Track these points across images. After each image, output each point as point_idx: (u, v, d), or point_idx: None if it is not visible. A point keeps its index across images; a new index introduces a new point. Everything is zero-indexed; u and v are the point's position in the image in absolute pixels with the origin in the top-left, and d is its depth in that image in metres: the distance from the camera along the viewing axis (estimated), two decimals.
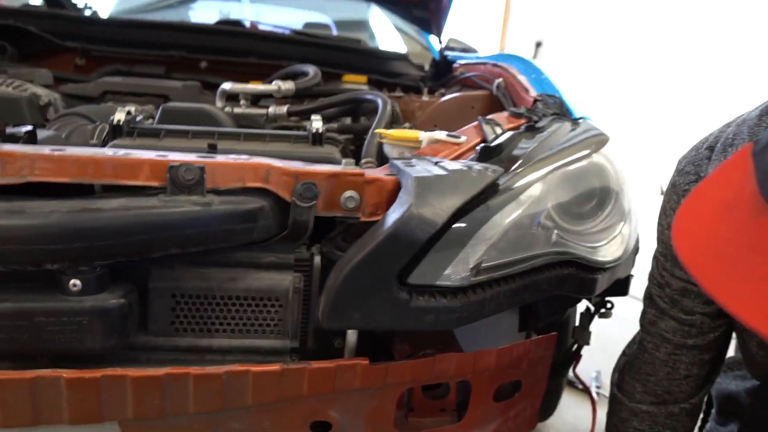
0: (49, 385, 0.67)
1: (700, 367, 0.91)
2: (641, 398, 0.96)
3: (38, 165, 0.70)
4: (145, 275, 0.77)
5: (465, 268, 0.78)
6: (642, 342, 0.96)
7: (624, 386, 1.00)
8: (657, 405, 0.94)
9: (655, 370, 0.94)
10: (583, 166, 1.00)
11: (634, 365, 0.98)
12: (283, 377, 0.74)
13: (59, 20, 1.77)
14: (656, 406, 0.94)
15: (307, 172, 0.80)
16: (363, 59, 1.89)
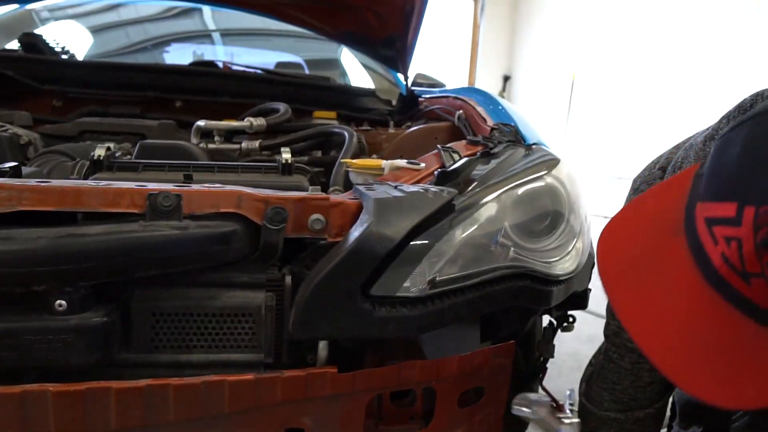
0: (36, 398, 0.71)
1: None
2: (609, 406, 1.01)
3: (25, 195, 0.76)
4: (128, 295, 0.82)
5: (422, 280, 0.85)
6: (607, 352, 1.02)
7: (592, 395, 1.06)
8: (624, 412, 1.00)
9: (621, 378, 0.99)
10: (536, 187, 1.09)
11: (601, 375, 1.04)
12: (257, 385, 0.79)
13: (37, 64, 1.83)
14: (623, 413, 1.00)
15: (276, 198, 0.87)
16: (332, 96, 1.98)
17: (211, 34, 2.88)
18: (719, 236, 0.54)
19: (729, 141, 0.56)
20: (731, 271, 0.54)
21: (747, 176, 0.52)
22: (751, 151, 0.53)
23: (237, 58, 2.77)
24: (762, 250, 0.50)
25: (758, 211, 0.50)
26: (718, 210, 0.54)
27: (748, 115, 0.56)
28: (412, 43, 2.14)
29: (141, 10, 2.73)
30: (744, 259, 0.52)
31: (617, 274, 0.63)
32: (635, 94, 5.42)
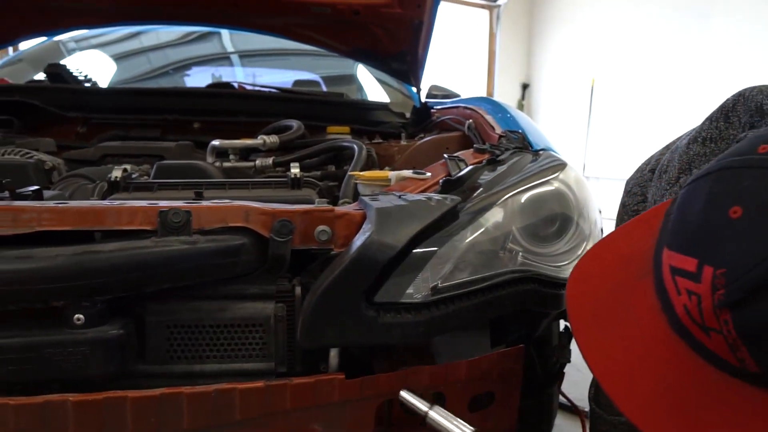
0: (57, 408, 0.75)
1: None
2: (618, 410, 1.01)
3: (44, 216, 0.81)
4: (142, 309, 0.86)
5: (426, 286, 0.87)
6: None
7: (600, 400, 1.05)
8: None
9: None
10: (543, 192, 1.10)
11: None
12: (267, 393, 0.82)
13: (61, 93, 1.91)
14: None
15: (282, 211, 0.90)
16: (345, 111, 2.02)
17: (230, 56, 2.95)
18: (682, 287, 0.55)
19: (693, 194, 0.57)
20: (692, 322, 0.55)
21: (706, 236, 0.53)
22: (711, 210, 0.53)
23: (256, 78, 2.84)
24: (719, 309, 0.51)
25: (715, 273, 0.51)
26: (681, 262, 0.55)
27: (712, 167, 0.56)
28: (422, 56, 2.18)
29: (161, 36, 2.82)
30: (703, 314, 0.53)
31: (586, 315, 0.64)
32: (656, 97, 5.37)
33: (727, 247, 0.50)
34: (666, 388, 0.56)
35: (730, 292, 0.50)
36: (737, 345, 0.51)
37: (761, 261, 0.48)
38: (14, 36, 2.12)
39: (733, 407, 0.53)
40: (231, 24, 2.31)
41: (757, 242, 0.49)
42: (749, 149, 0.54)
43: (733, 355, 0.52)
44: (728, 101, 0.86)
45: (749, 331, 0.50)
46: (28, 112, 1.78)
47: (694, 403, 0.55)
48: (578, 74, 6.60)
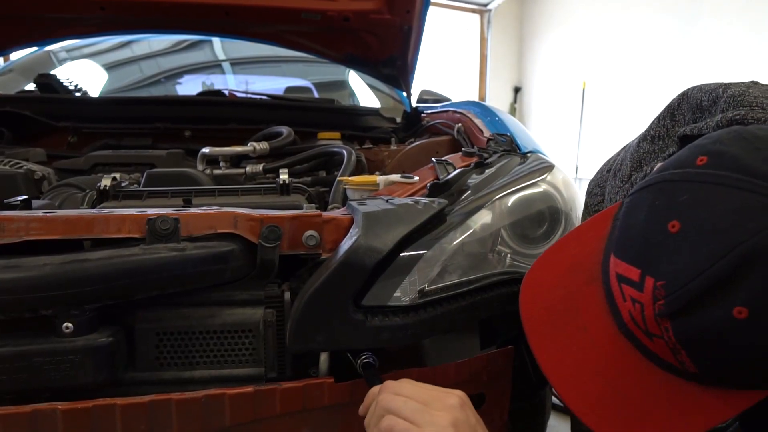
0: (46, 416, 0.75)
1: None
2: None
3: (32, 225, 0.81)
4: (132, 316, 0.86)
5: (413, 289, 0.88)
6: None
7: None
8: None
9: None
10: (531, 193, 1.11)
11: None
12: (256, 398, 0.82)
13: (52, 103, 1.92)
14: None
15: (270, 217, 0.90)
16: (336, 117, 2.03)
17: (221, 64, 2.96)
18: (627, 294, 0.58)
19: (636, 204, 0.59)
20: (636, 327, 0.57)
21: (648, 249, 0.55)
22: (652, 224, 0.55)
23: (248, 85, 2.84)
24: (660, 317, 0.54)
25: (656, 284, 0.53)
26: (626, 270, 0.57)
27: (654, 179, 0.58)
28: (412, 61, 2.19)
29: (153, 45, 2.83)
30: (646, 321, 0.55)
31: (538, 320, 0.66)
32: (647, 99, 5.40)
33: (666, 260, 0.53)
34: (614, 388, 0.59)
35: (669, 303, 0.52)
36: (677, 349, 0.53)
37: (697, 275, 0.50)
38: (4, 46, 2.13)
39: (676, 404, 0.55)
40: (222, 32, 2.32)
41: (693, 256, 0.51)
42: (688, 161, 0.56)
43: (675, 358, 0.54)
44: (674, 100, 0.89)
45: (688, 338, 0.52)
46: (18, 123, 1.79)
47: (640, 401, 0.57)
48: (569, 77, 6.63)
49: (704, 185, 0.52)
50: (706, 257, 0.50)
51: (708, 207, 0.51)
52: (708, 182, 0.52)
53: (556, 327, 0.64)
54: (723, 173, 0.52)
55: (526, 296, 0.70)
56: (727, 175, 0.51)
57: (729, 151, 0.53)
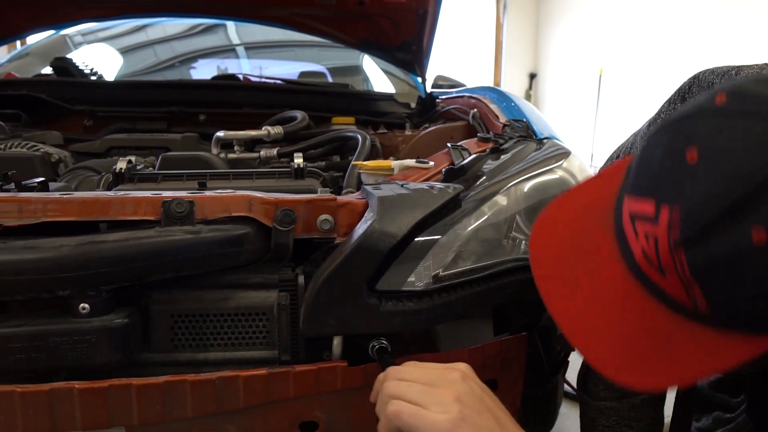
0: (63, 395, 0.76)
1: None
2: (604, 395, 1.02)
3: (50, 207, 0.81)
4: (147, 298, 0.87)
5: (428, 275, 0.87)
6: None
7: (588, 386, 1.07)
8: (619, 399, 1.00)
9: None
10: (547, 180, 1.10)
11: None
12: (270, 380, 0.83)
13: (68, 87, 1.93)
14: (618, 401, 1.00)
15: (285, 200, 0.90)
16: (350, 102, 2.02)
17: (235, 48, 2.96)
18: (640, 231, 0.57)
19: (652, 143, 0.58)
20: (649, 265, 0.56)
21: (664, 179, 0.54)
22: (671, 153, 0.55)
23: (262, 70, 2.84)
24: (674, 248, 0.52)
25: (672, 212, 0.52)
26: (640, 206, 0.57)
27: (671, 119, 0.57)
28: (427, 46, 2.17)
29: (167, 29, 2.83)
30: (660, 255, 0.54)
31: (548, 263, 0.66)
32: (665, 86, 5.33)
33: (683, 187, 0.52)
34: (624, 332, 0.58)
35: (685, 229, 0.51)
36: (690, 284, 0.52)
37: (714, 200, 0.49)
38: (21, 30, 2.14)
39: (685, 346, 0.55)
40: (236, 16, 2.32)
41: (711, 181, 0.50)
42: (707, 101, 0.55)
43: (687, 296, 0.53)
44: (685, 83, 0.88)
45: (702, 268, 0.51)
46: (35, 106, 1.80)
47: (650, 344, 0.57)
48: (586, 64, 6.56)
49: (724, 118, 0.52)
50: (723, 181, 0.49)
51: (727, 135, 0.51)
52: (728, 115, 0.52)
53: (566, 270, 0.64)
54: (743, 106, 0.51)
55: (537, 239, 0.70)
56: (746, 108, 0.51)
57: (749, 89, 0.53)
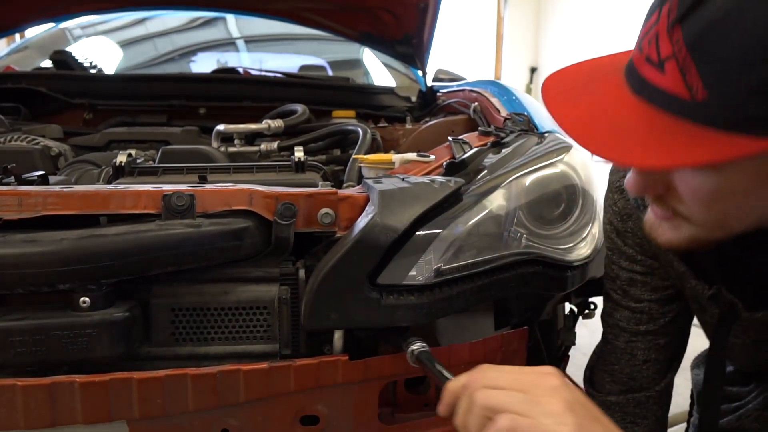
0: (64, 389, 0.76)
1: (657, 352, 0.98)
2: (610, 389, 1.02)
3: (50, 201, 0.81)
4: (148, 292, 0.86)
5: (429, 268, 0.87)
6: (604, 335, 1.04)
7: (595, 380, 1.07)
8: (624, 394, 1.00)
9: (617, 358, 1.00)
10: (548, 174, 1.09)
11: (601, 357, 1.05)
12: (271, 374, 0.83)
13: (67, 80, 1.92)
14: (624, 395, 1.00)
15: (285, 194, 0.90)
16: (351, 95, 2.01)
17: (235, 41, 2.95)
18: (643, 38, 0.59)
19: None
20: (649, 64, 0.57)
21: None
22: None
23: (263, 63, 2.83)
24: (672, 30, 0.54)
25: (670, 1, 0.54)
26: (647, 25, 0.59)
27: None
28: (428, 40, 2.16)
29: (167, 22, 2.82)
30: (659, 46, 0.55)
31: (558, 93, 0.67)
32: None
33: None
34: (611, 122, 0.60)
35: (681, 6, 0.53)
36: (687, 65, 0.53)
37: None
38: (20, 23, 2.13)
39: (680, 136, 0.55)
40: (237, 8, 2.31)
41: None
42: None
43: (684, 83, 0.54)
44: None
45: (697, 37, 0.52)
46: (34, 100, 1.80)
47: (648, 134, 0.57)
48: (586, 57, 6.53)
49: None
50: None
51: None
52: None
53: (574, 94, 0.65)
54: None
55: (550, 82, 0.70)
56: None
57: None
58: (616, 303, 0.99)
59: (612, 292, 0.99)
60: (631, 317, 0.97)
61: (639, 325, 0.96)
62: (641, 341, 0.97)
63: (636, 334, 0.97)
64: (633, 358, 0.98)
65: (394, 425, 0.96)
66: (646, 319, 0.96)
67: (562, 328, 1.39)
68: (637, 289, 0.95)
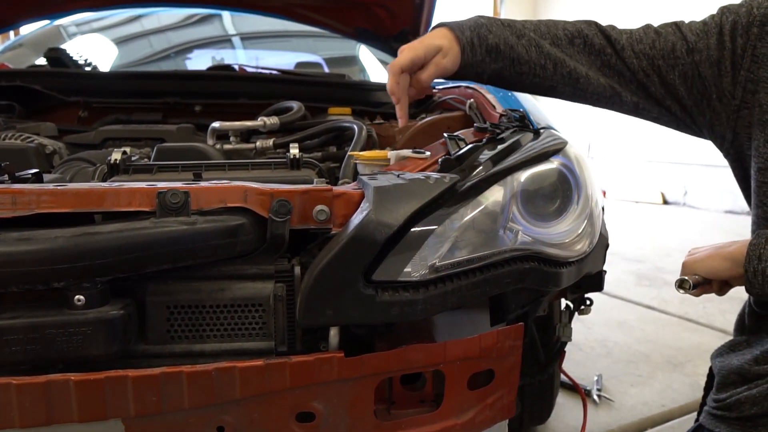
0: (59, 387, 0.76)
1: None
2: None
3: (44, 199, 0.81)
4: (143, 290, 0.86)
5: (424, 265, 0.87)
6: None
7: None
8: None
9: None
10: (544, 170, 1.10)
11: None
12: (267, 371, 0.83)
13: (62, 77, 1.91)
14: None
15: (280, 191, 0.90)
16: (346, 92, 2.01)
17: (231, 39, 2.94)
18: None
19: None
20: None
21: None
22: None
23: (259, 60, 2.83)
24: None
25: None
26: None
27: None
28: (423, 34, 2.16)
29: (162, 19, 2.81)
30: None
31: None
32: None
33: None
34: None
35: None
36: None
37: None
38: (15, 20, 2.12)
39: None
40: (232, 6, 2.31)
41: None
42: None
43: None
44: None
45: None
46: (29, 97, 1.79)
47: None
48: None
49: None
50: None
51: None
52: None
53: None
54: None
55: None
56: None
57: None
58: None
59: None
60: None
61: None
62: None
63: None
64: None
65: (390, 421, 0.96)
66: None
67: (559, 324, 1.40)
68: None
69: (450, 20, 1.16)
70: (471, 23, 1.12)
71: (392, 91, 1.12)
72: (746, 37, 0.98)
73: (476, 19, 1.14)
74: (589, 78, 1.12)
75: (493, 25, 1.13)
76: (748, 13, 0.98)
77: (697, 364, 2.33)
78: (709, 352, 1.18)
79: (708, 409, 1.09)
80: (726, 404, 1.02)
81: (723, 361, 1.09)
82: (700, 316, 2.88)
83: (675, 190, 6.79)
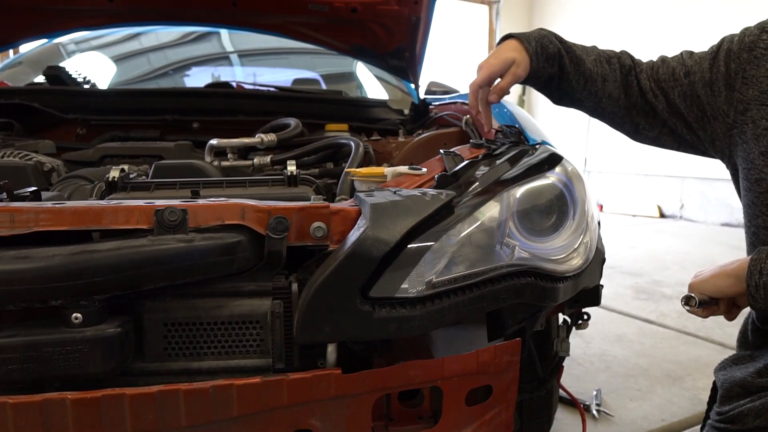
0: (56, 406, 0.76)
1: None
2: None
3: (42, 217, 0.81)
4: (140, 307, 0.87)
5: (421, 281, 0.87)
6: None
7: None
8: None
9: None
10: (539, 185, 1.10)
11: None
12: (264, 388, 0.83)
13: (60, 95, 1.92)
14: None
15: (278, 208, 0.90)
16: (344, 109, 2.03)
17: (229, 56, 2.96)
18: None
19: None
20: None
21: None
22: None
23: (256, 77, 2.85)
24: None
25: None
26: None
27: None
28: (420, 53, 2.18)
29: (161, 37, 2.83)
30: None
31: None
32: None
33: None
34: None
35: None
36: None
37: None
38: (14, 38, 2.14)
39: None
40: (230, 24, 2.33)
41: None
42: None
43: None
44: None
45: None
46: (27, 115, 1.80)
47: None
48: None
49: None
50: None
51: None
52: None
53: None
54: None
55: None
56: None
57: None
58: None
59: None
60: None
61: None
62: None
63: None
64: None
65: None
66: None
67: (557, 339, 1.40)
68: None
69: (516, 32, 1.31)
70: (535, 34, 1.28)
71: (473, 106, 1.29)
72: (738, 62, 1.09)
73: (539, 31, 1.30)
74: (611, 96, 1.28)
75: (552, 36, 1.30)
76: (740, 41, 1.11)
77: (696, 377, 2.33)
78: (708, 365, 1.18)
79: (711, 423, 1.09)
80: (729, 417, 1.03)
81: (726, 374, 1.10)
82: (698, 329, 2.88)
83: (671, 203, 6.82)
